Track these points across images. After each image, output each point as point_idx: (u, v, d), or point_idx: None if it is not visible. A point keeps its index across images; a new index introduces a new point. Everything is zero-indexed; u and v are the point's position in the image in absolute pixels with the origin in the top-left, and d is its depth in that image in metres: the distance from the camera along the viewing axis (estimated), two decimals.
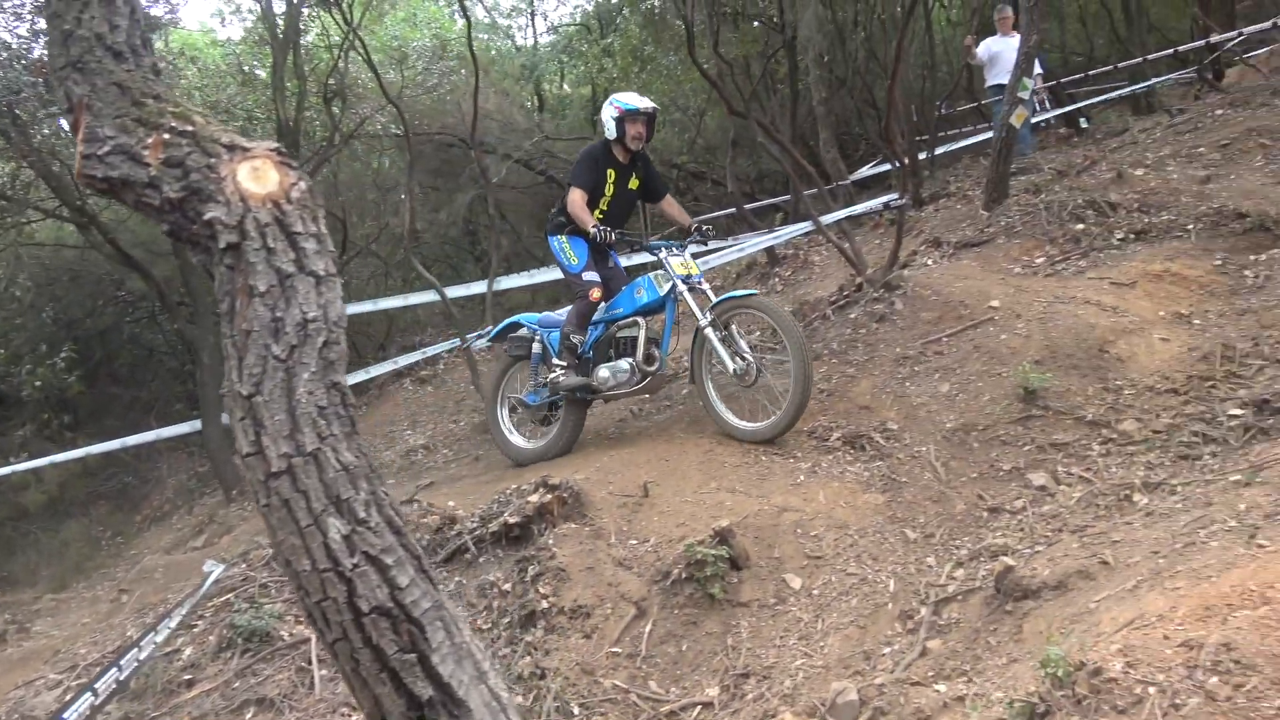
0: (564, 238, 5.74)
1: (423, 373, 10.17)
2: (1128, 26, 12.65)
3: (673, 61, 11.26)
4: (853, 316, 6.26)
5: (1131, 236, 6.52)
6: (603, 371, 5.59)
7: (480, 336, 7.94)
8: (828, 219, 6.98)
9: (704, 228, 5.87)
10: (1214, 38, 10.27)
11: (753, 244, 7.46)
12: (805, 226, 7.61)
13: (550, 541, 4.42)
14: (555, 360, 5.72)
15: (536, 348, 5.91)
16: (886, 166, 10.28)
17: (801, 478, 4.85)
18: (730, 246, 7.69)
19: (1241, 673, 2.15)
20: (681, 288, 5.41)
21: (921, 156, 9.88)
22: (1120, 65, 10.86)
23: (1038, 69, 9.17)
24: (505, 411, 6.21)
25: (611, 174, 5.71)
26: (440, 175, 12.78)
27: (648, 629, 3.98)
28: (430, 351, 9.18)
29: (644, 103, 5.66)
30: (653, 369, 5.57)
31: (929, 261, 7.32)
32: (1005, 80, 8.56)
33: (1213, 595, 2.57)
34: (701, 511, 4.51)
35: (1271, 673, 2.11)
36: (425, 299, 8.88)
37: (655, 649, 3.92)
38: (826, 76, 11.19)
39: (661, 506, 4.61)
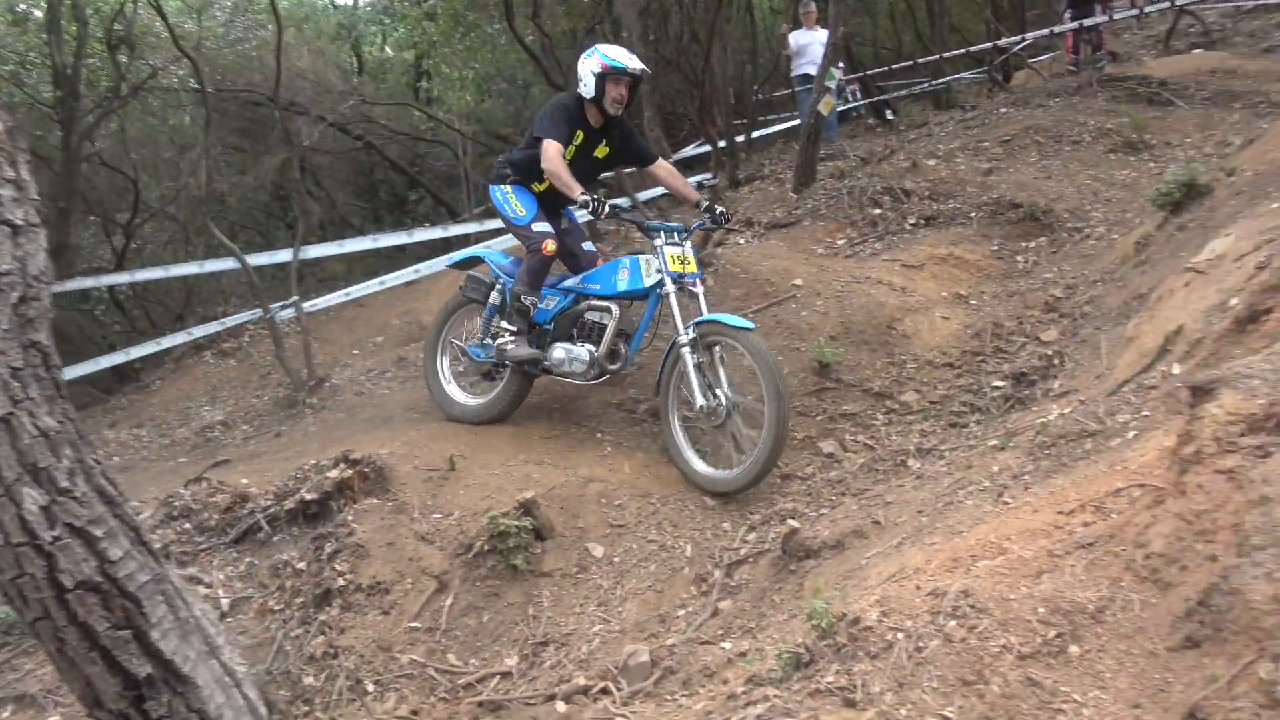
0: (508, 187, 5.01)
1: (225, 345, 9.56)
2: (931, 26, 13.51)
3: (497, 30, 11.05)
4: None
5: (922, 222, 6.99)
6: (558, 351, 4.88)
7: (285, 307, 7.55)
8: (645, 195, 7.06)
9: (716, 207, 5.05)
10: (1003, 41, 11.13)
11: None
12: (624, 202, 7.68)
13: (349, 518, 4.27)
14: (504, 323, 4.98)
15: (495, 297, 5.18)
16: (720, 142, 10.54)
17: (609, 449, 4.92)
18: None
19: (975, 616, 2.35)
20: (670, 287, 4.61)
21: (740, 139, 10.19)
22: (921, 62, 11.56)
23: (840, 63, 9.65)
24: (445, 359, 5.46)
25: (579, 135, 4.89)
26: (247, 135, 12.02)
27: (448, 602, 3.93)
28: (231, 322, 8.64)
29: (634, 62, 4.82)
30: (614, 367, 4.85)
31: (741, 240, 7.57)
32: (811, 70, 8.95)
33: (961, 548, 2.80)
34: (508, 484, 4.49)
35: (1000, 615, 2.32)
36: (226, 266, 8.34)
37: (455, 622, 3.88)
38: (652, 55, 11.31)
39: (468, 480, 4.56)
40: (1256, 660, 1.84)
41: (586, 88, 4.82)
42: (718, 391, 4.49)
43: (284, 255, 8.20)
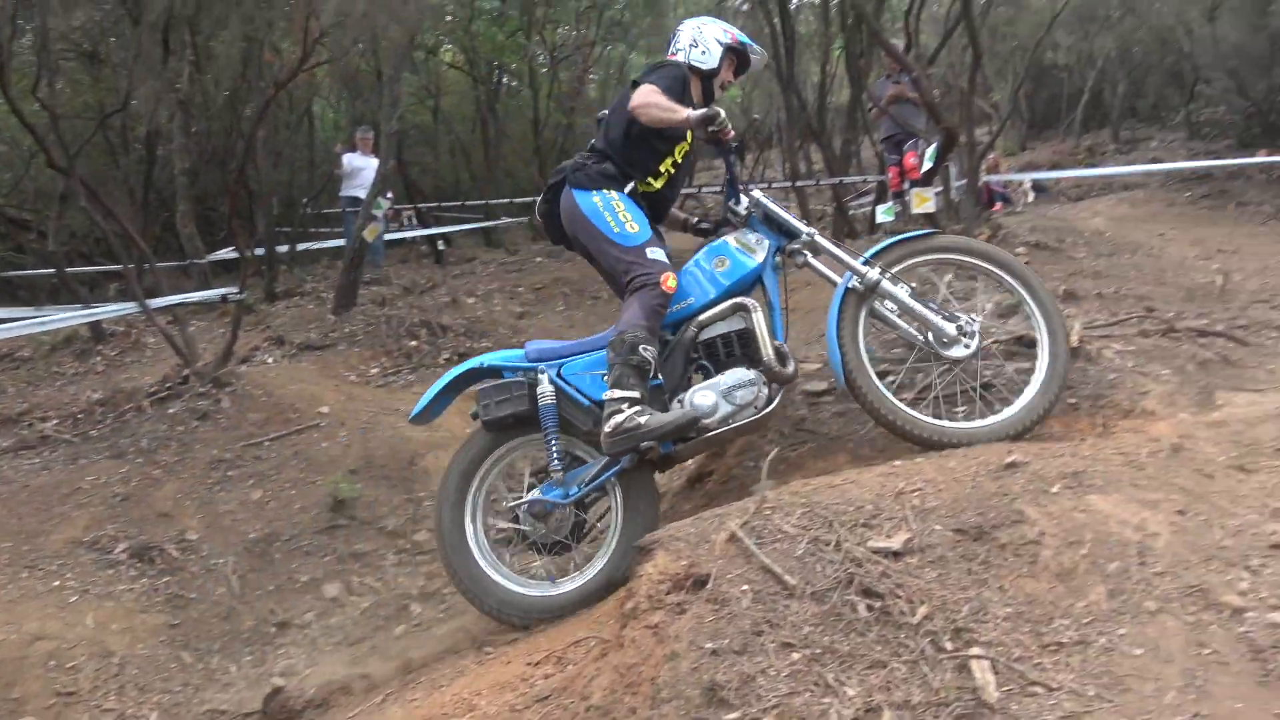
0: (614, 194, 3.43)
1: None
2: (487, 168, 14.47)
3: None
4: (172, 411, 5.81)
5: (455, 357, 7.26)
6: (703, 396, 3.26)
7: None
8: (159, 302, 6.43)
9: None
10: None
11: (64, 317, 6.48)
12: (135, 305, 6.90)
13: None
14: (620, 393, 3.20)
15: (546, 391, 3.37)
16: (258, 250, 9.99)
17: (73, 598, 4.22)
18: (36, 318, 6.57)
19: None
20: (807, 232, 3.47)
21: (282, 249, 9.83)
22: (468, 203, 12.30)
23: (389, 192, 9.93)
24: (478, 528, 3.51)
25: None
26: None
27: None
28: None
29: (759, 49, 3.77)
30: (789, 370, 3.36)
31: (269, 359, 7.20)
32: (361, 194, 9.07)
33: (437, 705, 2.84)
34: None
35: None
36: None
37: None
38: (193, 146, 10.55)
39: None
40: None
41: (707, 57, 3.57)
42: (957, 314, 3.36)
43: None
